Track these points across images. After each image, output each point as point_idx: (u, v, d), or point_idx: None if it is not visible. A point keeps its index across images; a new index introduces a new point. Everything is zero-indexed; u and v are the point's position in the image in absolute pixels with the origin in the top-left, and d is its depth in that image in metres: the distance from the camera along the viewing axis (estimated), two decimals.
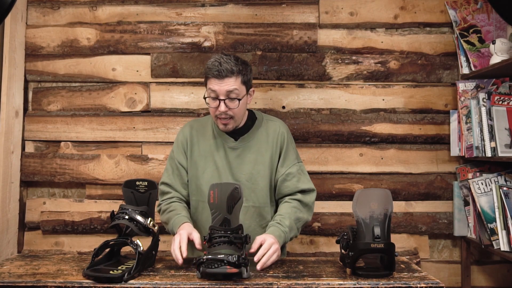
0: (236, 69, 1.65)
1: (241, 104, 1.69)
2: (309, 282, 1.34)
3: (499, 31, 2.26)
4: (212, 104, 1.68)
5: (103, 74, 2.33)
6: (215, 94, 1.66)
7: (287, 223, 1.65)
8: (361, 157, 2.30)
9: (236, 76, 1.65)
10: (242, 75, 1.67)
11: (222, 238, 1.38)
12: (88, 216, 2.28)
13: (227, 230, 1.40)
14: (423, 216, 2.28)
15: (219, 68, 1.63)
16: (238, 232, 1.41)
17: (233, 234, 1.39)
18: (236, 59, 1.69)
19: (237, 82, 1.66)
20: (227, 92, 1.64)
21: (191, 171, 1.79)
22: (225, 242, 1.37)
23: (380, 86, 2.32)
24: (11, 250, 2.20)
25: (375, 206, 1.39)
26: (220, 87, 1.64)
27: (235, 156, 1.76)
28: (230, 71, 1.64)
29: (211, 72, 1.64)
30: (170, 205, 1.74)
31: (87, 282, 1.32)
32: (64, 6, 2.35)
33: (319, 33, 2.33)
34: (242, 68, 1.68)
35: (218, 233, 1.39)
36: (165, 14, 2.34)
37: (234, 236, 1.38)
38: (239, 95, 1.67)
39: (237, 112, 1.69)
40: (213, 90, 1.66)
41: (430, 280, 1.36)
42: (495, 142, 2.03)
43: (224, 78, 1.63)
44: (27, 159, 2.29)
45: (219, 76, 1.63)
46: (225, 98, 1.65)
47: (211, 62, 1.67)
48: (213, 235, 1.40)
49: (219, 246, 1.37)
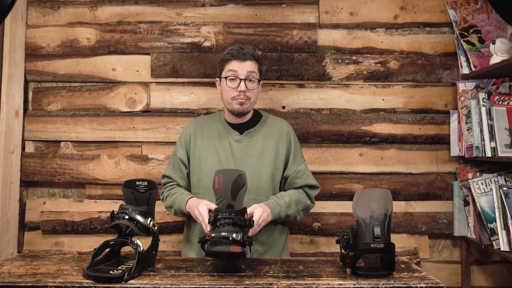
0: (256, 55, 1.81)
1: (257, 88, 1.81)
2: (309, 282, 1.34)
3: (499, 31, 2.26)
4: (231, 85, 1.78)
5: (103, 74, 2.33)
6: (236, 74, 1.77)
7: (286, 199, 1.77)
8: (361, 157, 2.30)
9: (255, 61, 1.80)
10: (259, 63, 1.82)
11: (227, 219, 1.38)
12: (88, 216, 2.28)
13: (232, 211, 1.41)
14: (423, 216, 2.28)
15: (241, 51, 1.77)
16: (243, 214, 1.41)
17: (237, 216, 1.39)
18: (253, 49, 1.83)
19: (255, 67, 1.80)
20: (247, 72, 1.76)
21: (194, 164, 1.85)
22: (229, 223, 1.38)
23: (380, 86, 2.33)
24: (11, 250, 2.20)
25: (375, 206, 1.39)
26: (241, 67, 1.76)
27: (240, 149, 1.82)
28: (251, 55, 1.78)
29: (233, 55, 1.77)
30: (172, 190, 1.86)
31: (87, 282, 1.32)
32: (64, 6, 2.35)
33: (319, 33, 2.33)
34: (259, 57, 1.83)
35: (222, 214, 1.40)
36: (165, 14, 2.34)
37: (238, 218, 1.39)
38: (256, 77, 1.80)
39: (253, 94, 1.80)
40: (233, 71, 1.77)
41: (430, 280, 1.36)
42: (495, 142, 2.03)
43: (245, 60, 1.76)
44: (27, 159, 2.29)
45: (241, 57, 1.76)
46: (245, 79, 1.76)
47: (231, 48, 1.80)
48: (217, 217, 1.40)
49: (224, 228, 1.37)
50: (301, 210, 1.83)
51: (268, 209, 1.69)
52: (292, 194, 1.81)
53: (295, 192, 1.83)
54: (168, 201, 1.84)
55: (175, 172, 1.88)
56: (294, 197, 1.80)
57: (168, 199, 1.84)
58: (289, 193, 1.81)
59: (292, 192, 1.82)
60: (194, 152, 1.86)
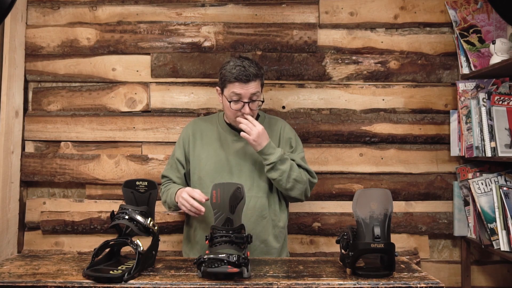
0: (259, 73, 1.75)
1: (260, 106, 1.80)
2: (309, 282, 1.34)
3: (499, 31, 2.26)
4: (235, 107, 1.75)
5: (103, 74, 2.33)
6: (239, 97, 1.73)
7: (289, 158, 1.76)
8: (361, 157, 2.30)
9: (258, 79, 1.75)
10: (261, 78, 1.78)
11: (224, 237, 1.39)
12: (88, 216, 2.28)
13: (229, 230, 1.41)
14: (423, 216, 2.28)
15: (246, 73, 1.70)
16: (240, 231, 1.42)
17: (234, 233, 1.40)
18: (256, 64, 1.77)
19: (259, 85, 1.76)
20: (251, 94, 1.73)
21: (194, 164, 1.86)
22: (226, 241, 1.38)
23: (380, 86, 2.32)
24: (11, 250, 2.20)
25: (375, 206, 1.39)
26: (246, 91, 1.72)
27: (239, 148, 1.84)
28: (255, 75, 1.72)
29: (237, 77, 1.70)
30: (168, 185, 1.88)
31: (87, 282, 1.32)
32: (64, 6, 2.35)
33: (319, 33, 2.33)
34: (261, 72, 1.78)
35: (219, 232, 1.40)
36: (165, 14, 2.34)
37: (235, 236, 1.39)
38: (259, 97, 1.77)
39: (256, 112, 1.81)
40: (237, 94, 1.72)
41: (430, 280, 1.36)
42: (495, 142, 2.03)
43: (249, 82, 1.71)
44: (27, 159, 2.29)
45: (244, 80, 1.70)
46: (249, 101, 1.73)
47: (234, 67, 1.72)
48: (214, 235, 1.41)
49: (221, 246, 1.37)
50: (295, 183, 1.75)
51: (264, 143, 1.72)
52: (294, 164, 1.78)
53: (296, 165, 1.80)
54: (163, 196, 1.87)
55: (172, 172, 1.91)
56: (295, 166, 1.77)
57: (163, 195, 1.87)
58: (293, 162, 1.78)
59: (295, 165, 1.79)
60: (194, 153, 1.87)
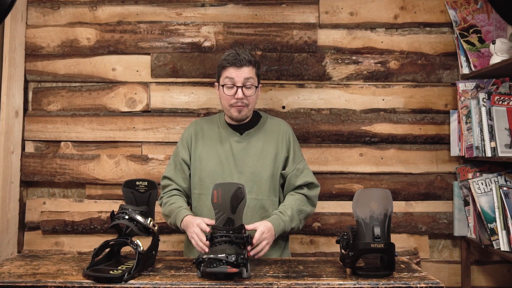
0: (253, 60, 1.79)
1: (254, 94, 1.80)
2: (309, 282, 1.34)
3: (499, 31, 2.26)
4: (228, 92, 1.77)
5: (103, 74, 2.33)
6: (233, 81, 1.76)
7: (289, 213, 1.75)
8: (361, 157, 2.30)
9: (252, 66, 1.78)
10: (256, 67, 1.81)
11: (224, 237, 1.39)
12: (88, 216, 2.28)
13: (229, 230, 1.41)
14: (423, 216, 2.28)
15: (238, 58, 1.75)
16: (240, 231, 1.41)
17: (234, 234, 1.40)
18: (250, 54, 1.82)
19: (253, 72, 1.79)
20: (244, 79, 1.75)
21: (195, 164, 1.85)
22: (226, 241, 1.38)
23: (380, 86, 2.33)
24: (11, 250, 2.20)
25: (375, 206, 1.39)
26: (238, 74, 1.75)
27: (240, 149, 1.83)
28: (248, 61, 1.77)
29: (230, 61, 1.76)
30: (171, 198, 1.82)
31: (87, 282, 1.32)
32: (64, 6, 2.35)
33: (319, 33, 2.33)
34: (256, 61, 1.82)
35: (219, 232, 1.40)
36: (165, 14, 2.34)
37: (235, 236, 1.39)
38: (254, 83, 1.79)
39: (251, 100, 1.80)
40: (230, 78, 1.76)
41: (430, 280, 1.36)
42: (495, 142, 2.03)
43: (242, 66, 1.75)
44: (27, 159, 2.29)
45: (237, 64, 1.75)
46: (242, 86, 1.75)
47: (228, 54, 1.79)
48: (214, 235, 1.41)
49: (220, 246, 1.37)
50: (303, 219, 1.82)
51: (272, 229, 1.66)
52: (293, 204, 1.78)
53: (295, 200, 1.80)
54: (165, 209, 1.81)
55: (176, 173, 1.86)
56: (296, 207, 1.77)
57: (166, 208, 1.81)
58: (290, 205, 1.77)
59: (292, 202, 1.79)
60: (195, 153, 1.86)
